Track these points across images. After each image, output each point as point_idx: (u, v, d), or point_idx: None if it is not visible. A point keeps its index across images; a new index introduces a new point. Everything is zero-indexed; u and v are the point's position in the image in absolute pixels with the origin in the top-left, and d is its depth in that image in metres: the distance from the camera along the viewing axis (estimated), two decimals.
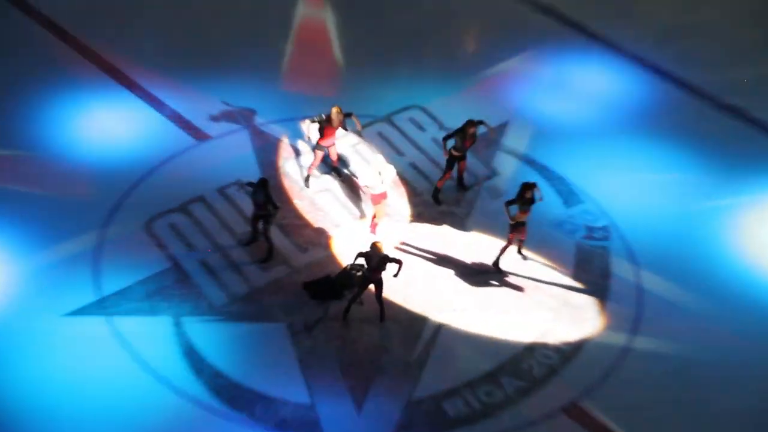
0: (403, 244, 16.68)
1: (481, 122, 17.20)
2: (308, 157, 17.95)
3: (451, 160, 17.14)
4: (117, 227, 16.58)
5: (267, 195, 15.98)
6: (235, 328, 15.40)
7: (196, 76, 19.17)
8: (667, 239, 16.85)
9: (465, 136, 17.00)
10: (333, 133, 17.13)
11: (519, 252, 16.59)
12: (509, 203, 15.94)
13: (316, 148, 17.32)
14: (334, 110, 17.01)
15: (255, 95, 19.02)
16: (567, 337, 15.53)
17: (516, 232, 16.11)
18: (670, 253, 16.63)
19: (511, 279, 16.34)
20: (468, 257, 16.63)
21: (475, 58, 20.10)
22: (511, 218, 15.96)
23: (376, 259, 14.96)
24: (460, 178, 17.62)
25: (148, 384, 14.61)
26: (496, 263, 16.34)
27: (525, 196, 15.78)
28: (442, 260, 16.52)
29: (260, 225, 16.20)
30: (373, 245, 14.98)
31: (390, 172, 16.44)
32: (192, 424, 14.23)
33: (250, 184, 16.18)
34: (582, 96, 19.27)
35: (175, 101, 18.82)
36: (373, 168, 16.43)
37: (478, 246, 16.79)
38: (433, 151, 18.27)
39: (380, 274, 15.13)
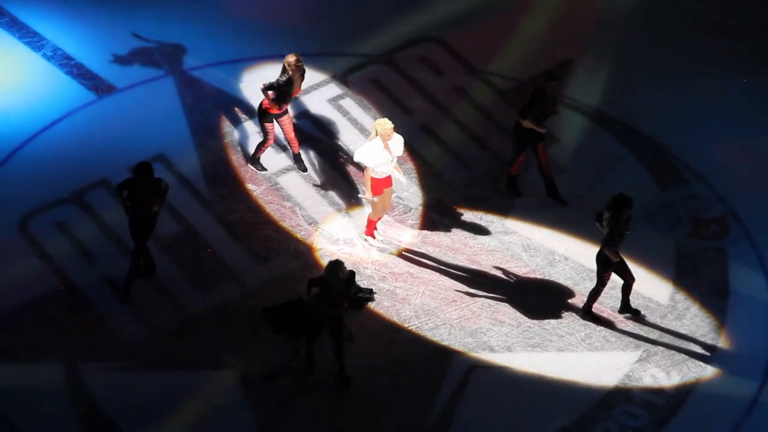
0: (409, 251, 16.54)
1: (551, 76, 16.40)
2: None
3: (524, 138, 16.52)
4: None
5: (150, 188, 14.99)
6: (160, 379, 15.14)
7: None
8: None
9: (545, 99, 16.27)
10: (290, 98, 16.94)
11: (627, 308, 15.87)
12: (610, 243, 15.11)
13: (262, 119, 16.90)
14: (291, 60, 16.37)
15: (184, 25, 18.44)
16: (663, 386, 15.29)
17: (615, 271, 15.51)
18: None
19: (577, 299, 16.14)
20: (512, 265, 16.45)
21: None
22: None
23: (337, 286, 14.73)
24: (549, 181, 16.82)
25: None
26: (586, 311, 15.93)
27: (620, 216, 15.02)
28: (472, 272, 16.38)
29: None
30: (333, 265, 14.77)
31: (396, 142, 16.02)
32: None
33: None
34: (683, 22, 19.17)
35: (60, 34, 18.25)
36: (373, 139, 16.02)
37: (524, 247, 16.55)
38: (456, 108, 18.01)
39: (341, 307, 14.93)
